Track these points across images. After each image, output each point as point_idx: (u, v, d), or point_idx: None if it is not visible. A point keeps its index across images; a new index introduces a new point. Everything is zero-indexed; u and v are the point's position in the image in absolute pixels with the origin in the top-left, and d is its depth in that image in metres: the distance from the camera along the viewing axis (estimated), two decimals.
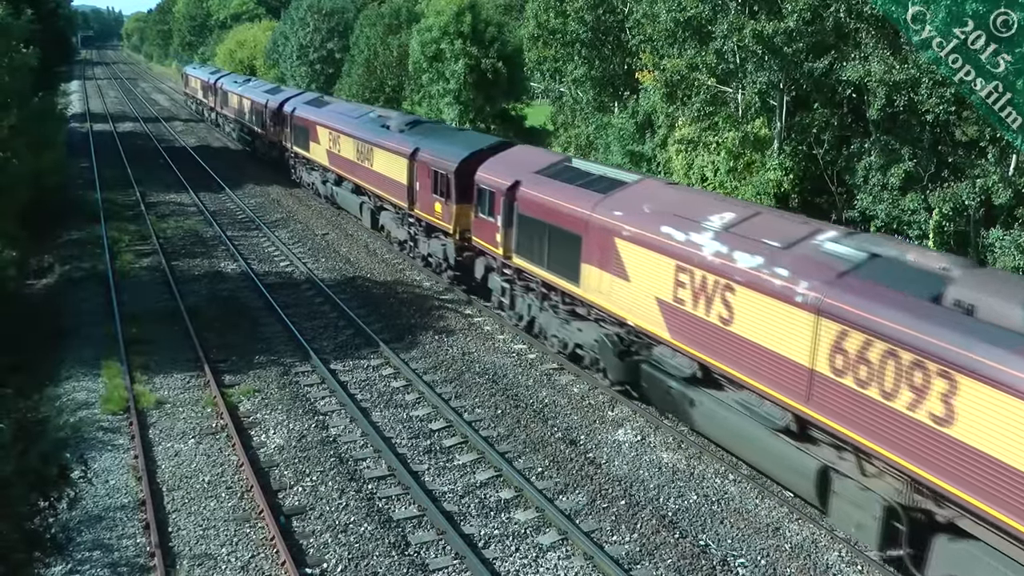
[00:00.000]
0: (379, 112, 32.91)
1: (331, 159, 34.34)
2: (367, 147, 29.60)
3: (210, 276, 26.66)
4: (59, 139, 36.95)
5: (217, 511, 13.79)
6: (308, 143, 37.53)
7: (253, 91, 50.31)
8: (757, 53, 24.56)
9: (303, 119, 38.20)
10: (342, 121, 33.31)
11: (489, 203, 21.17)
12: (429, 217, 24.99)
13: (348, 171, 32.33)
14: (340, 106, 37.34)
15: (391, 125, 28.85)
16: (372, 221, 30.96)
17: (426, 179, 24.79)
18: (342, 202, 34.36)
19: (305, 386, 18.61)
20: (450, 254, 24.27)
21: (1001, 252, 20.34)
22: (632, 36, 32.35)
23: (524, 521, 13.66)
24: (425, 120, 30.77)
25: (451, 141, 25.33)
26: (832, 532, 13.35)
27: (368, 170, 29.80)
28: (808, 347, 12.48)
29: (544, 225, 18.93)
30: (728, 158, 26.36)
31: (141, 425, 16.52)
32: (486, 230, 21.55)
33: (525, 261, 19.98)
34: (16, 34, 25.55)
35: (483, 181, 21.58)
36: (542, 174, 19.92)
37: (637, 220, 16.26)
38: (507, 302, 21.58)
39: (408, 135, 27.13)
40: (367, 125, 30.76)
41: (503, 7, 51.66)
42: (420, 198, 25.50)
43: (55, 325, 22.19)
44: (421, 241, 26.48)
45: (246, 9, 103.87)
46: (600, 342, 17.70)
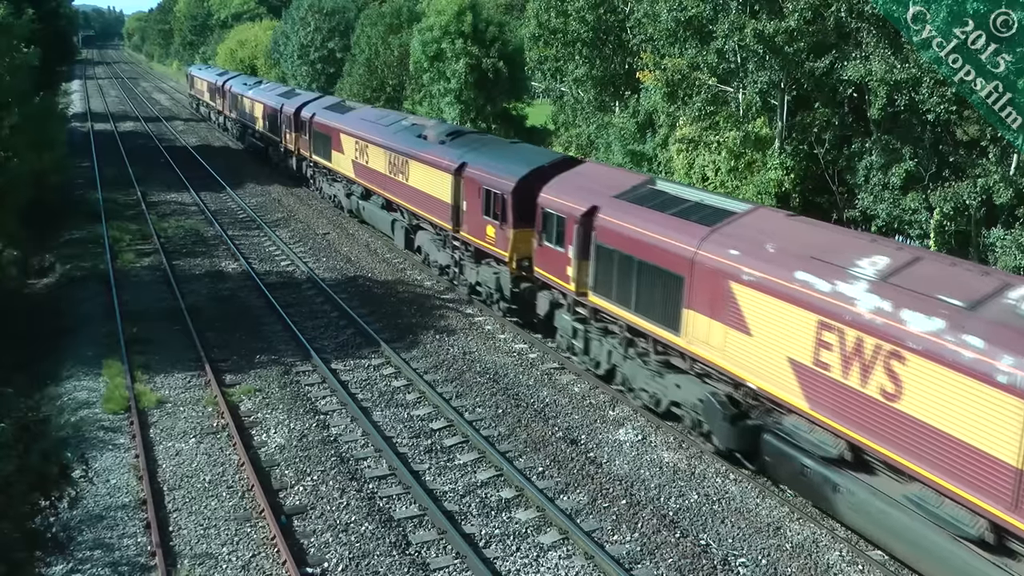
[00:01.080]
0: (413, 120, 29.96)
1: (357, 170, 31.48)
2: (401, 159, 26.80)
3: (211, 275, 26.67)
4: (60, 138, 36.85)
5: (218, 510, 13.80)
6: (330, 152, 34.64)
7: (266, 95, 46.92)
8: (758, 52, 24.54)
9: (324, 126, 35.33)
10: (371, 129, 30.31)
11: (558, 230, 18.57)
12: (479, 242, 22.12)
13: (378, 185, 29.38)
14: (366, 112, 34.22)
15: (429, 135, 26.01)
16: (406, 241, 27.87)
17: (476, 198, 21.96)
18: (370, 218, 31.43)
19: (306, 385, 18.62)
20: (505, 285, 21.40)
21: (1002, 252, 20.34)
22: (633, 35, 32.35)
23: (525, 520, 13.66)
24: (467, 130, 28.12)
25: (505, 156, 22.49)
26: (833, 532, 13.34)
27: (402, 185, 26.86)
28: (1016, 442, 10.13)
29: (631, 260, 16.32)
30: (729, 157, 26.34)
31: (142, 424, 16.54)
32: (554, 261, 18.94)
33: (605, 300, 17.34)
34: (17, 33, 25.52)
35: (549, 204, 18.98)
36: (625, 199, 17.35)
37: (761, 262, 13.70)
38: (579, 346, 18.69)
39: (451, 147, 24.28)
40: (401, 135, 27.79)
41: (504, 6, 51.67)
42: (468, 219, 22.68)
43: (56, 324, 22.22)
44: (468, 267, 23.42)
45: (247, 8, 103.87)
46: (706, 403, 14.97)
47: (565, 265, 18.47)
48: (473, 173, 22.34)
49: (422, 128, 27.24)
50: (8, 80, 24.49)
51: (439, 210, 24.17)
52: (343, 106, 36.61)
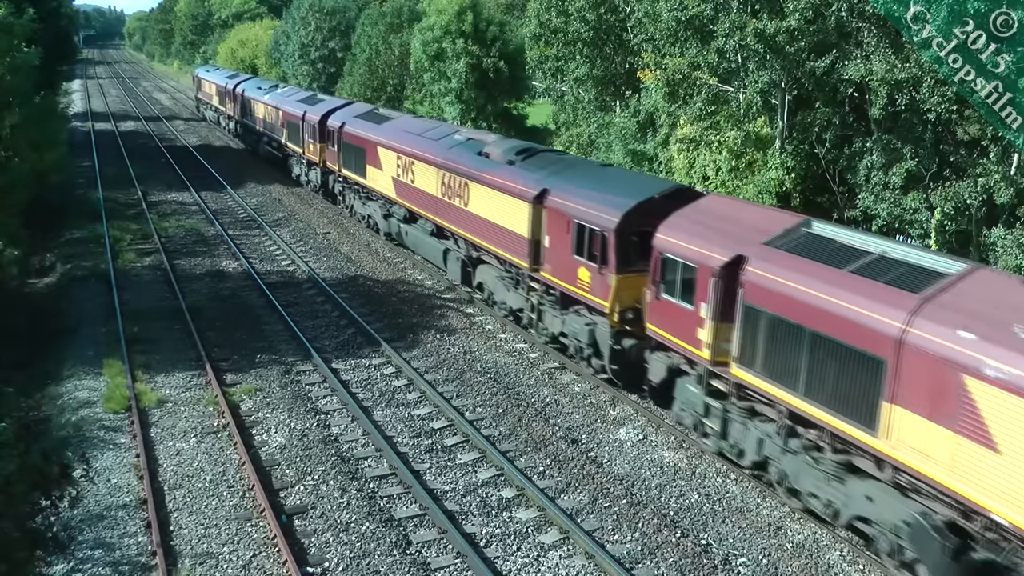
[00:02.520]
0: (467, 133, 26.26)
1: (399, 190, 27.73)
2: (458, 181, 23.22)
3: (212, 275, 26.68)
4: (61, 138, 36.92)
5: (219, 510, 13.81)
6: (364, 167, 30.83)
7: (285, 100, 42.82)
8: (759, 52, 24.53)
9: (357, 137, 31.46)
10: (416, 143, 26.67)
11: (684, 282, 15.17)
12: (567, 286, 18.71)
13: (426, 208, 25.70)
14: (407, 122, 30.35)
15: (492, 153, 22.49)
16: (463, 275, 24.07)
17: (563, 234, 18.66)
18: (414, 245, 27.60)
19: (307, 385, 18.62)
20: (603, 340, 17.82)
21: (1003, 252, 20.33)
22: (634, 35, 32.33)
23: (526, 520, 13.66)
24: (538, 148, 23.47)
25: (600, 183, 18.95)
26: (834, 531, 13.34)
27: (459, 211, 23.28)
28: None
29: (800, 331, 12.83)
30: (730, 157, 26.34)
31: (143, 424, 16.54)
32: (677, 319, 15.45)
33: (756, 376, 13.79)
34: (18, 33, 25.53)
35: (672, 248, 15.54)
36: (781, 247, 13.85)
37: (1018, 354, 10.27)
38: (714, 427, 15.13)
39: (526, 169, 20.80)
40: (456, 151, 24.13)
41: (504, 6, 51.66)
42: (552, 258, 19.27)
43: (57, 324, 22.22)
44: (549, 314, 19.92)
45: (248, 8, 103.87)
46: (915, 527, 11.56)
47: (695, 326, 14.87)
48: (560, 203, 18.87)
49: (481, 144, 23.70)
50: (9, 80, 24.50)
51: (511, 244, 20.62)
52: (378, 115, 32.68)
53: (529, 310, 20.74)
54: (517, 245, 20.33)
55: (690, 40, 26.91)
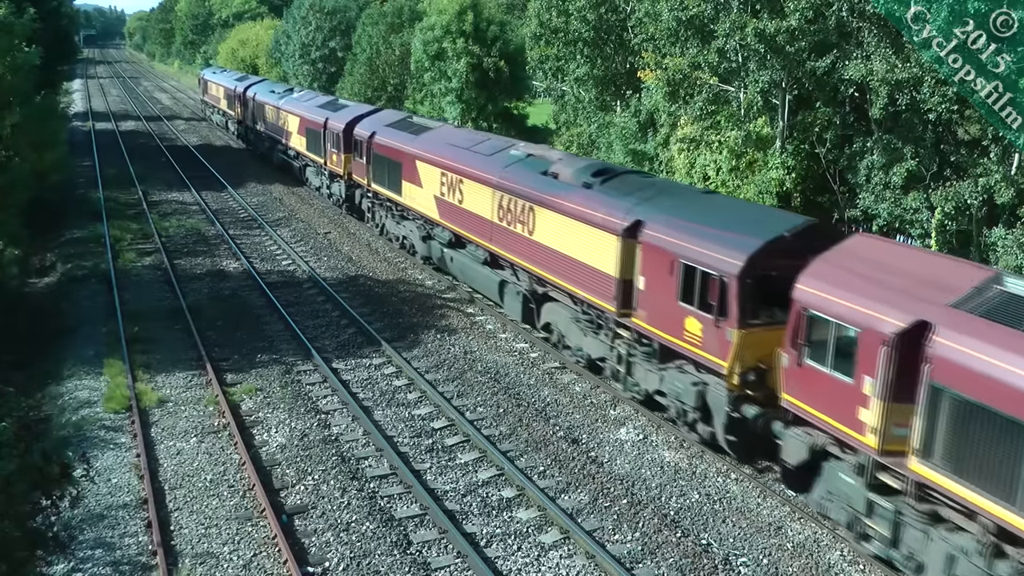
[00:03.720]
0: (526, 148, 22.89)
1: (443, 210, 24.78)
2: (520, 204, 20.38)
3: (212, 275, 26.68)
4: (61, 138, 36.98)
5: (219, 510, 13.82)
6: (399, 182, 27.70)
7: (303, 106, 39.73)
8: (759, 52, 24.53)
9: (390, 148, 28.42)
10: (464, 158, 23.75)
11: (838, 347, 12.40)
12: (670, 337, 15.75)
13: (479, 233, 22.65)
14: (449, 133, 27.24)
15: (563, 173, 19.65)
16: (524, 312, 21.02)
17: (664, 275, 15.66)
18: (461, 273, 24.52)
19: (307, 385, 18.63)
20: (717, 405, 14.92)
21: (1003, 252, 20.32)
22: (634, 35, 32.35)
23: (526, 520, 13.66)
24: (618, 168, 20.93)
25: (711, 215, 16.00)
26: (834, 531, 13.34)
27: (522, 238, 20.45)
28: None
29: (1015, 426, 10.15)
30: (730, 157, 26.33)
31: (143, 423, 16.55)
32: (828, 393, 12.57)
33: (945, 476, 11.05)
34: (18, 32, 25.53)
35: (821, 304, 12.66)
36: (977, 312, 11.16)
37: None
38: (883, 532, 12.18)
39: (607, 195, 17.88)
40: (517, 170, 21.19)
41: (505, 6, 51.65)
42: (649, 302, 16.29)
43: (57, 324, 22.23)
44: (642, 368, 16.91)
45: (248, 8, 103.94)
46: None
47: (855, 404, 12.16)
48: (660, 239, 15.91)
49: (546, 161, 20.85)
50: (9, 79, 24.50)
51: (591, 282, 17.85)
52: (413, 124, 29.46)
53: (615, 361, 17.65)
54: (600, 284, 17.42)
55: (690, 40, 26.91)
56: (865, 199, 23.95)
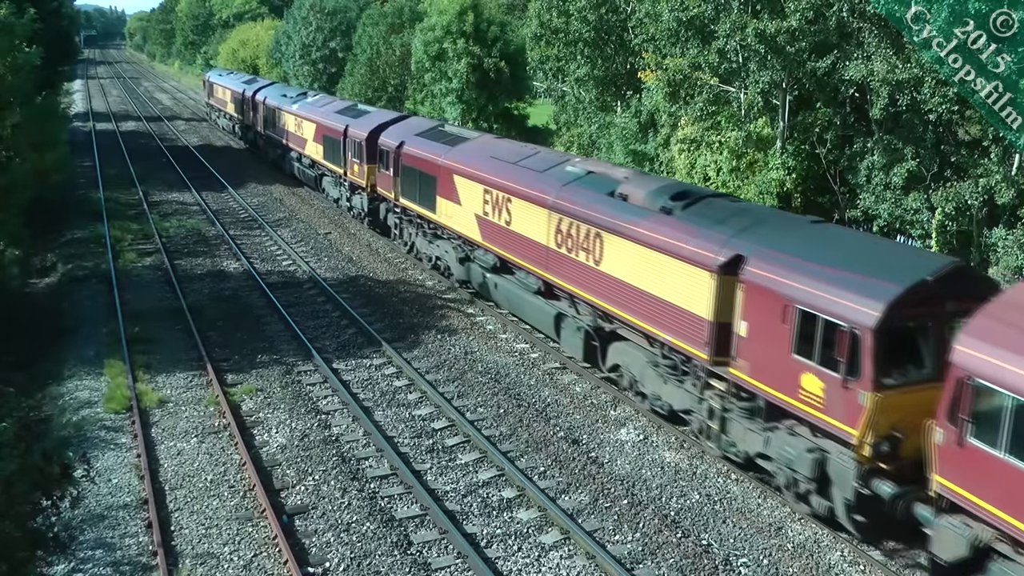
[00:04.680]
0: (584, 164, 20.29)
1: (486, 231, 22.25)
2: (583, 229, 17.96)
3: (213, 275, 26.69)
4: (62, 138, 36.95)
5: (219, 510, 13.82)
6: (432, 198, 25.11)
7: (319, 111, 37.17)
8: (760, 52, 24.55)
9: (422, 160, 25.86)
10: (511, 174, 21.19)
11: (1016, 427, 10.26)
12: (780, 395, 13.43)
13: (530, 259, 20.21)
14: (491, 144, 24.50)
15: (634, 195, 17.19)
16: (585, 350, 18.71)
17: (773, 321, 13.39)
18: (507, 302, 22.05)
19: (307, 385, 18.63)
20: (841, 479, 12.64)
21: (1004, 252, 20.33)
22: (635, 35, 32.36)
23: (526, 520, 13.66)
24: (699, 191, 18.04)
25: (831, 251, 13.60)
26: (835, 532, 13.33)
27: (585, 268, 18.07)
28: None
29: None
30: (731, 157, 26.35)
31: (144, 424, 16.55)
32: (1001, 481, 10.48)
33: None
34: (19, 33, 25.54)
35: (992, 372, 10.51)
36: None
37: None
38: None
39: (694, 223, 15.55)
40: (577, 189, 18.74)
41: (505, 6, 51.69)
42: (752, 351, 13.96)
43: (58, 324, 22.24)
44: (740, 426, 14.53)
45: (249, 8, 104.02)
46: None
47: None
48: (769, 278, 13.59)
49: (611, 180, 18.43)
50: (10, 80, 24.51)
51: (675, 322, 15.50)
52: (447, 133, 26.86)
53: (705, 415, 15.34)
54: (688, 326, 15.12)
55: (691, 40, 26.93)
56: (865, 199, 23.96)
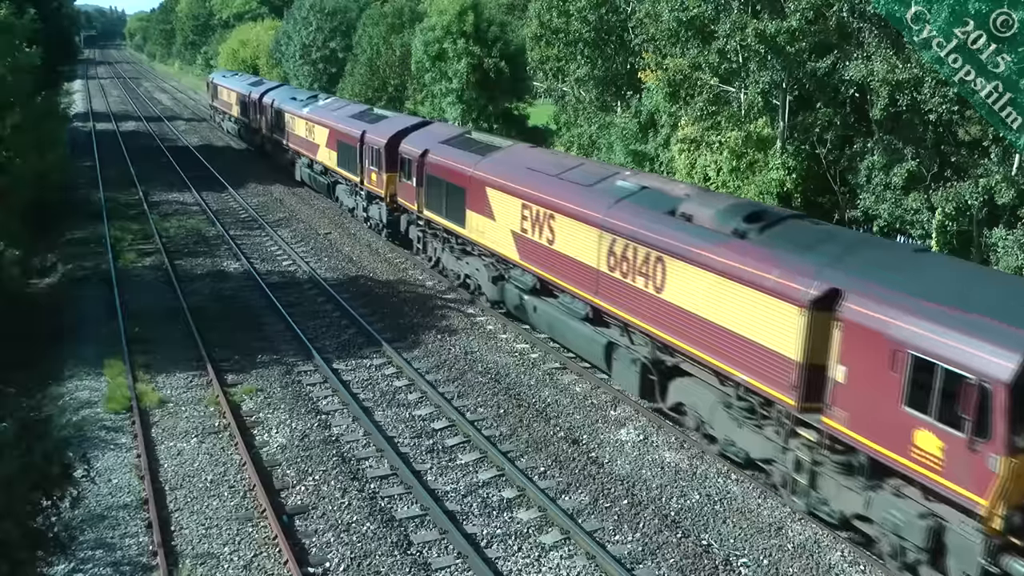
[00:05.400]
0: (637, 178, 18.38)
1: (524, 249, 20.34)
2: (639, 251, 16.11)
3: (213, 275, 26.69)
4: (62, 138, 37.00)
5: (220, 510, 13.82)
6: (461, 211, 23.07)
7: (332, 116, 35.34)
8: (760, 52, 24.55)
9: (449, 170, 23.88)
10: (553, 187, 19.28)
11: None
12: (887, 452, 11.79)
13: (577, 282, 18.33)
14: (527, 154, 22.37)
15: (699, 215, 15.42)
16: (641, 385, 16.90)
17: (879, 367, 11.72)
18: (549, 327, 20.08)
19: (307, 385, 18.63)
20: (963, 554, 11.12)
21: (1004, 252, 20.32)
22: (635, 35, 32.37)
23: (526, 520, 13.66)
24: (777, 211, 16.12)
25: (946, 284, 11.96)
26: (835, 532, 13.33)
27: (642, 294, 16.21)
28: None
29: None
30: (731, 157, 26.35)
31: (144, 424, 16.56)
32: None
33: None
34: (19, 33, 25.58)
35: None
36: None
37: None
38: None
39: (775, 248, 13.76)
40: (631, 207, 16.90)
41: (506, 6, 51.69)
42: (852, 400, 12.19)
43: (58, 324, 22.24)
44: (834, 483, 12.92)
45: (249, 8, 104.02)
46: None
47: None
48: (874, 316, 11.89)
49: (670, 197, 16.67)
50: (10, 80, 24.54)
51: (754, 361, 13.68)
52: (474, 141, 24.99)
53: (791, 467, 13.62)
54: (770, 366, 13.38)
55: (691, 40, 26.93)
56: (866, 200, 23.96)
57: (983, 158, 21.56)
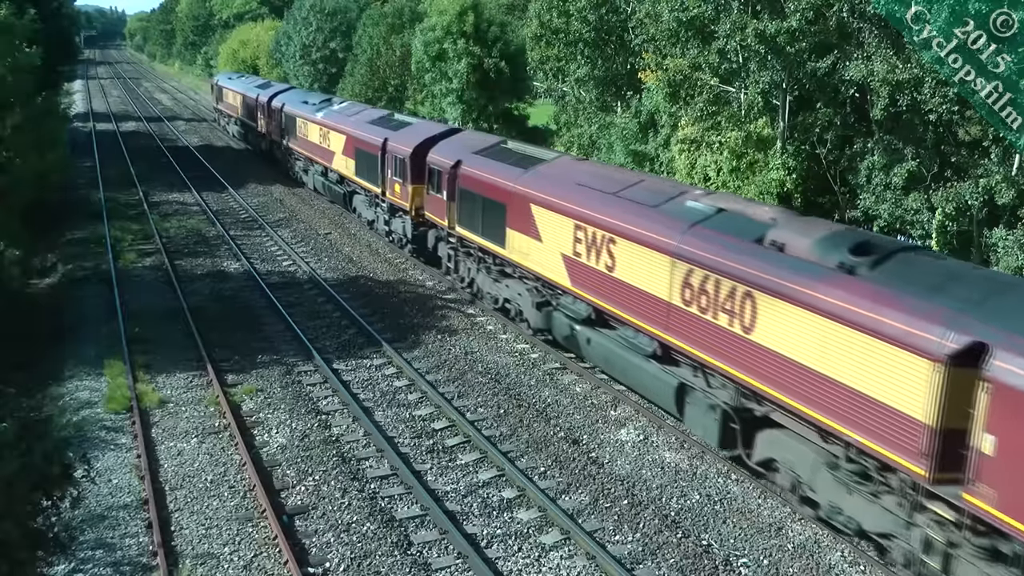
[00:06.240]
0: (712, 199, 16.27)
1: (577, 275, 18.30)
2: (728, 286, 14.03)
3: (213, 275, 26.69)
4: (62, 138, 36.98)
5: (220, 510, 13.82)
6: (502, 229, 20.95)
7: (349, 121, 33.15)
8: (760, 52, 24.56)
9: (487, 184, 21.74)
10: (615, 207, 17.15)
11: None
12: None
13: (646, 315, 16.15)
14: (573, 168, 20.33)
15: (794, 245, 13.46)
16: (721, 435, 14.86)
17: None
18: (606, 362, 18.04)
19: (308, 385, 18.63)
20: None
21: (1004, 252, 20.33)
22: (635, 36, 32.37)
23: (527, 521, 13.66)
24: (887, 243, 13.97)
25: None
26: (835, 532, 13.33)
27: (728, 334, 14.10)
28: None
29: None
30: (731, 158, 26.36)
31: (144, 424, 16.55)
32: None
33: None
34: (19, 33, 25.58)
35: None
36: None
37: None
38: None
39: (896, 288, 11.78)
40: (711, 233, 14.82)
41: (506, 6, 51.71)
42: (1006, 478, 10.15)
43: (58, 324, 22.24)
44: (977, 573, 10.82)
45: (249, 9, 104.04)
46: None
47: None
48: None
49: (755, 222, 14.64)
50: (10, 80, 24.54)
51: (870, 419, 11.69)
52: (513, 152, 22.64)
53: (918, 546, 11.54)
54: (891, 427, 11.42)
55: (691, 41, 26.94)
56: (866, 200, 23.97)
57: (983, 158, 21.57)
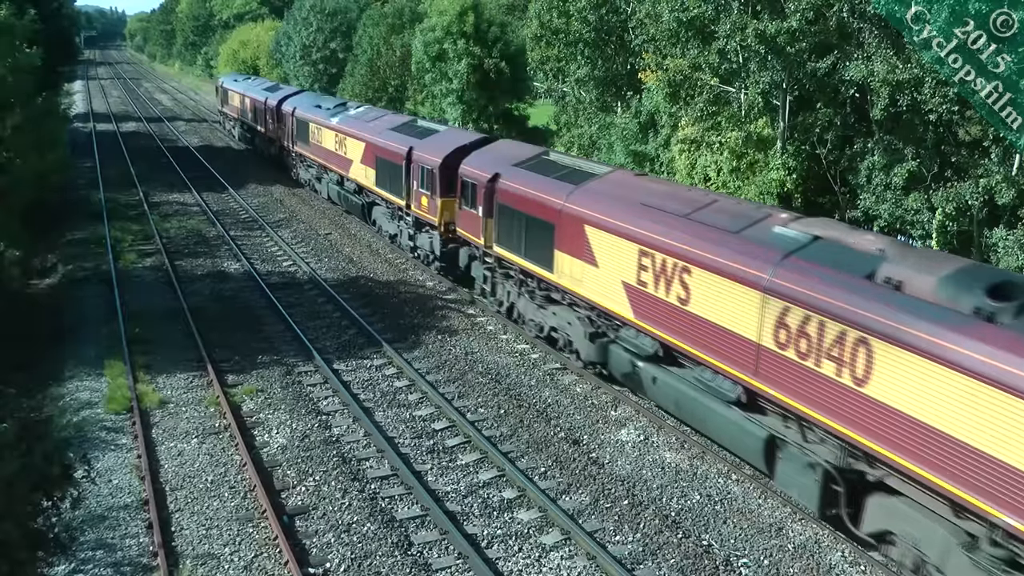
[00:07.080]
0: (803, 225, 14.28)
1: (640, 306, 16.40)
2: (836, 331, 12.20)
3: (213, 276, 26.69)
4: (62, 139, 36.97)
5: (220, 511, 13.82)
6: (549, 251, 19.13)
7: (368, 128, 31.01)
8: (760, 53, 24.54)
9: (531, 201, 19.81)
10: (689, 233, 15.23)
11: None
12: None
13: (728, 356, 14.27)
14: (632, 183, 18.36)
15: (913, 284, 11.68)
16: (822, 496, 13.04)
17: None
18: (676, 405, 16.05)
19: (308, 386, 18.63)
20: None
21: (1004, 252, 20.32)
22: (635, 36, 32.35)
23: (527, 521, 13.66)
24: None
25: None
26: (835, 533, 13.34)
27: (835, 386, 12.25)
28: None
29: None
30: (731, 158, 26.35)
31: (144, 425, 16.56)
32: None
33: None
34: (19, 34, 25.59)
35: None
36: None
37: None
38: None
39: None
40: (810, 266, 13.00)
41: (506, 7, 51.70)
42: None
43: (58, 325, 22.24)
44: None
45: (249, 9, 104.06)
46: None
47: None
48: None
49: (861, 255, 12.79)
50: (10, 81, 24.54)
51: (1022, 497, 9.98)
52: (559, 165, 20.50)
53: None
54: None
55: (691, 41, 26.92)
56: (866, 200, 23.95)
57: (983, 158, 21.55)
